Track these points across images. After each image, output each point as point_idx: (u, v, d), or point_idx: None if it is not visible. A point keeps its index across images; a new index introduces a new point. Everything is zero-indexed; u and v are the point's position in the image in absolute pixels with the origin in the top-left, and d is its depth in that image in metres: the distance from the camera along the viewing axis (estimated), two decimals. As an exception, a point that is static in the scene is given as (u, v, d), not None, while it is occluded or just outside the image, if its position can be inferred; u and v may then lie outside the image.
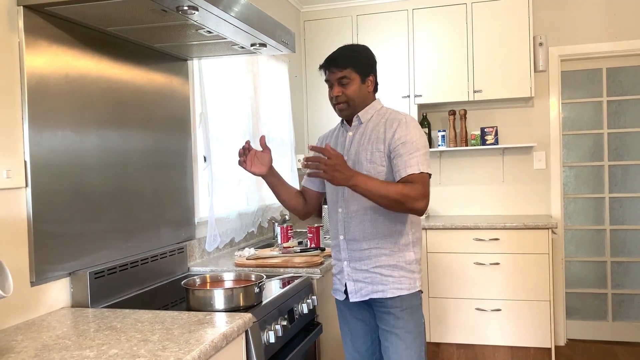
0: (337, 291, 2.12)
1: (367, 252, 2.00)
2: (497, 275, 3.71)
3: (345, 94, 2.00)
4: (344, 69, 1.98)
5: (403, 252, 2.01)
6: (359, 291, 2.02)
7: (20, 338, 1.47)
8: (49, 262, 1.72)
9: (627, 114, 4.08)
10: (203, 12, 1.71)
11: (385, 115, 2.04)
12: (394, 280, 1.98)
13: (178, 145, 2.47)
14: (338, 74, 1.99)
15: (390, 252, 2.00)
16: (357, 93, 2.01)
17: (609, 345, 4.02)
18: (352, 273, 2.03)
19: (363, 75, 2.02)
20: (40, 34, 1.70)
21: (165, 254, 2.29)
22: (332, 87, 2.02)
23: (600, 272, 4.15)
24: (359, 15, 4.10)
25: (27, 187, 1.65)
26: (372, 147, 1.98)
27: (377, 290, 1.99)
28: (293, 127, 3.74)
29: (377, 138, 1.99)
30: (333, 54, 2.03)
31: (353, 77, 2.00)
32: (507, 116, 4.19)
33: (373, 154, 1.98)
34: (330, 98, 2.04)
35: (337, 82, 2.00)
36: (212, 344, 1.40)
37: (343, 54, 2.02)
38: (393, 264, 1.99)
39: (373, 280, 2.00)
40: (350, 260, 2.04)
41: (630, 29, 3.93)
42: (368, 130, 2.03)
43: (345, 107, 2.02)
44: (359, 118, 2.05)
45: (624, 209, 4.10)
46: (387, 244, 2.00)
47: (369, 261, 2.00)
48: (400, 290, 1.98)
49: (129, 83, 2.13)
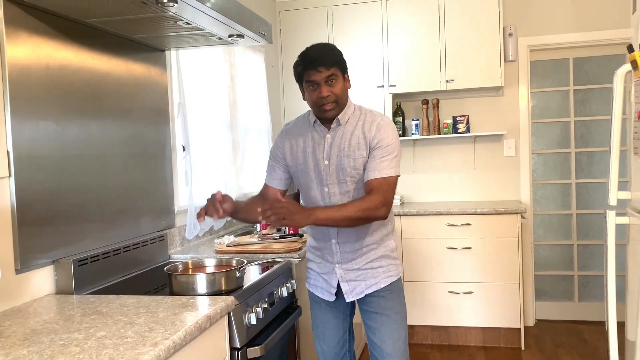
0: (323, 291, 2.15)
1: (359, 251, 2.07)
2: (468, 259, 3.83)
3: (334, 93, 1.95)
4: (331, 67, 1.93)
5: (385, 241, 2.11)
6: (354, 290, 2.08)
7: (7, 324, 1.51)
8: (33, 250, 1.75)
9: (593, 102, 4.23)
10: (182, 4, 1.75)
11: (360, 116, 2.03)
12: (384, 270, 2.08)
13: (157, 135, 2.50)
14: (325, 72, 1.92)
15: (376, 245, 2.09)
16: (343, 91, 1.99)
17: (575, 324, 4.20)
18: (345, 274, 2.09)
19: (343, 73, 2.01)
20: (20, 25, 1.72)
21: (146, 242, 2.33)
22: (319, 87, 1.94)
23: (567, 255, 4.32)
24: (334, 5, 4.16)
25: (11, 177, 1.68)
26: (354, 154, 1.98)
27: (371, 284, 2.07)
28: (270, 116, 3.79)
29: (357, 144, 1.99)
30: (315, 54, 1.94)
31: (339, 75, 1.97)
32: (478, 105, 4.31)
33: (356, 160, 1.98)
34: (318, 99, 1.95)
35: (324, 81, 1.93)
36: (196, 325, 1.46)
37: (327, 52, 1.96)
38: (380, 255, 2.09)
39: (366, 276, 2.07)
40: (343, 263, 2.09)
41: (595, 21, 4.07)
42: (347, 134, 2.01)
43: (335, 107, 1.97)
44: (338, 120, 2.02)
45: (589, 194, 4.26)
46: (374, 239, 2.08)
47: (360, 259, 2.07)
48: (390, 278, 2.09)
49: (108, 74, 2.15)
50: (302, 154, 2.08)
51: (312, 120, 2.06)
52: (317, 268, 2.17)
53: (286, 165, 2.15)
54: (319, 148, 2.04)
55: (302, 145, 2.08)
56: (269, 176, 2.20)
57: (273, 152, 2.18)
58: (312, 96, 1.97)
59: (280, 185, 2.18)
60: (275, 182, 2.18)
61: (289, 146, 2.12)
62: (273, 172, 2.18)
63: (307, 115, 2.12)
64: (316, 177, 2.06)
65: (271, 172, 2.19)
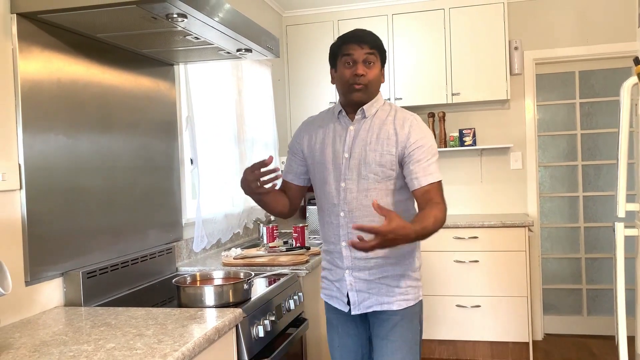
0: (338, 300, 1.95)
1: (373, 261, 1.86)
2: (476, 272, 3.82)
3: (369, 75, 1.84)
4: (373, 47, 1.84)
5: (408, 259, 1.90)
6: (362, 303, 1.89)
7: (17, 335, 1.52)
8: (42, 262, 1.77)
9: (599, 115, 4.23)
10: (191, 19, 1.77)
11: (390, 111, 1.90)
12: (400, 292, 1.87)
13: (165, 148, 2.52)
14: (366, 50, 1.83)
15: (396, 260, 1.88)
16: (377, 79, 1.88)
17: (583, 338, 4.16)
18: (355, 283, 1.89)
19: (382, 63, 1.91)
20: (33, 41, 1.75)
21: (154, 254, 2.34)
22: (355, 65, 1.83)
23: (575, 268, 4.29)
24: (339, 20, 4.19)
25: (22, 190, 1.70)
26: (381, 149, 1.83)
27: (383, 302, 1.87)
28: (276, 129, 3.82)
29: (387, 138, 1.84)
30: (360, 32, 1.86)
31: (377, 61, 1.87)
32: (484, 118, 4.31)
33: (383, 156, 1.83)
34: (351, 76, 1.83)
35: (362, 59, 1.83)
36: (205, 337, 1.46)
37: (371, 34, 1.87)
38: (399, 274, 1.88)
39: (379, 292, 1.87)
40: (353, 269, 1.89)
41: (600, 34, 4.08)
42: (374, 127, 1.87)
43: (364, 89, 1.85)
44: (363, 111, 1.88)
45: (596, 207, 4.25)
46: (393, 252, 1.86)
47: (374, 271, 1.87)
48: (407, 302, 1.88)
49: (118, 88, 2.18)
50: (320, 144, 1.94)
51: (337, 111, 1.94)
52: (330, 275, 1.98)
53: (303, 158, 2.01)
54: (340, 140, 1.90)
55: (322, 136, 1.95)
56: (285, 170, 2.07)
57: (291, 145, 2.05)
58: (345, 73, 1.85)
59: (295, 179, 2.03)
60: (290, 176, 2.04)
61: (307, 137, 1.99)
62: (289, 165, 2.05)
63: (332, 108, 2.00)
64: (334, 170, 1.89)
65: (287, 166, 2.06)
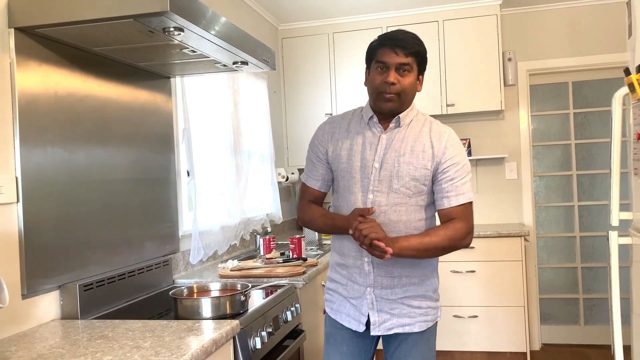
0: (351, 319, 1.84)
1: (398, 279, 1.79)
2: (473, 282, 3.82)
3: (402, 84, 1.73)
4: (409, 55, 1.72)
5: (429, 279, 1.85)
6: (383, 324, 1.79)
7: (14, 349, 1.52)
8: (39, 275, 1.76)
9: (593, 125, 4.27)
10: (188, 33, 1.79)
11: (425, 122, 1.81)
12: (421, 313, 1.81)
13: (162, 161, 2.53)
14: (402, 58, 1.71)
15: (419, 280, 1.81)
16: (411, 88, 1.76)
17: (581, 348, 4.16)
18: (377, 302, 1.79)
19: (419, 71, 1.79)
20: (30, 55, 1.77)
21: (150, 266, 2.34)
22: (387, 71, 1.72)
23: (572, 278, 4.30)
24: (335, 32, 4.23)
25: (18, 202, 1.70)
26: (416, 162, 1.74)
27: (404, 324, 1.79)
28: (272, 141, 3.83)
29: (422, 151, 1.75)
30: (400, 35, 1.73)
31: (413, 69, 1.75)
32: (479, 128, 4.34)
33: (417, 169, 1.74)
34: (381, 84, 1.73)
35: (395, 66, 1.72)
36: (202, 349, 1.46)
37: (411, 39, 1.74)
38: (421, 294, 1.81)
39: (400, 313, 1.79)
40: (376, 287, 1.79)
41: (592, 45, 4.13)
42: (409, 138, 1.77)
43: (396, 99, 1.74)
44: (399, 120, 1.78)
45: (592, 216, 4.27)
46: (416, 271, 1.80)
47: (398, 290, 1.79)
48: (427, 324, 1.82)
49: (114, 101, 2.19)
50: (348, 151, 1.81)
51: (368, 116, 1.82)
52: (344, 291, 1.86)
53: (328, 162, 1.87)
54: (371, 148, 1.78)
55: (350, 142, 1.82)
56: (309, 176, 1.91)
57: (313, 147, 1.89)
58: (376, 79, 1.75)
59: (323, 187, 1.90)
60: (319, 183, 1.89)
61: (333, 141, 1.85)
62: (314, 169, 1.90)
63: (359, 110, 1.88)
64: (361, 180, 1.78)
65: (312, 170, 1.90)
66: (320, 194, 1.91)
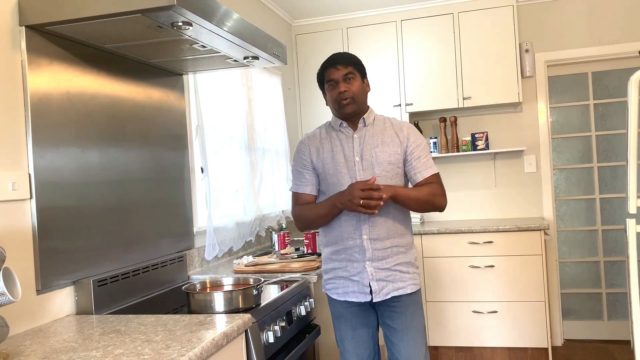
0: (357, 293, 2.11)
1: (390, 250, 2.10)
2: (492, 277, 3.77)
3: (351, 89, 2.09)
4: (348, 66, 2.10)
5: (411, 250, 2.18)
6: (382, 290, 2.09)
7: (28, 343, 1.53)
8: (53, 271, 1.78)
9: (614, 116, 4.17)
10: (197, 27, 1.79)
11: (385, 120, 2.18)
12: (410, 277, 2.13)
13: (175, 158, 2.54)
14: (343, 70, 2.09)
15: (405, 249, 2.14)
16: (361, 90, 2.12)
17: (605, 344, 4.07)
18: (375, 273, 2.09)
19: (362, 75, 2.15)
20: (41, 53, 1.78)
21: (165, 263, 2.35)
22: (337, 85, 2.10)
23: (594, 272, 4.22)
24: (349, 27, 4.21)
25: (32, 199, 1.72)
26: (389, 149, 2.10)
27: (398, 287, 2.10)
28: (287, 138, 3.83)
29: (391, 141, 2.12)
30: (334, 56, 2.13)
31: (356, 75, 2.12)
32: (496, 121, 4.28)
33: (391, 155, 2.10)
34: (337, 95, 2.09)
35: (342, 78, 2.09)
36: (213, 342, 1.46)
37: (344, 55, 2.14)
38: (407, 261, 2.14)
39: (394, 278, 2.10)
40: (374, 260, 2.09)
41: (612, 34, 4.04)
42: (377, 133, 2.13)
43: (352, 102, 2.09)
44: (364, 120, 2.15)
45: (614, 209, 4.18)
46: (403, 242, 2.14)
47: (390, 259, 2.10)
48: (416, 286, 2.14)
49: (126, 98, 2.20)
50: (330, 153, 2.14)
51: (337, 124, 2.17)
52: (344, 272, 2.13)
53: (314, 168, 2.17)
54: (348, 146, 2.13)
55: (329, 146, 2.16)
56: (298, 184, 2.19)
57: (297, 159, 2.20)
58: (332, 94, 2.12)
59: (313, 190, 2.18)
60: (308, 187, 2.18)
61: (315, 149, 2.17)
62: (302, 178, 2.18)
63: (327, 124, 2.23)
64: (348, 172, 2.10)
65: (300, 180, 2.19)
66: (310, 197, 2.19)
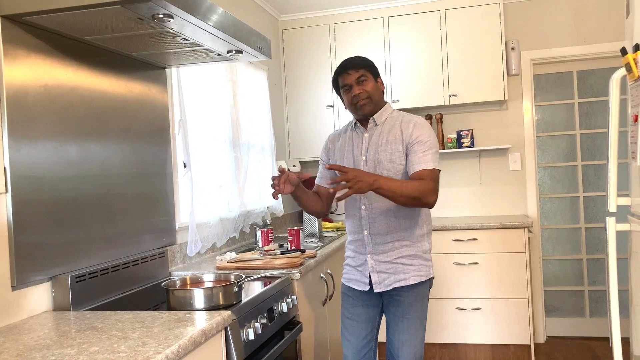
0: (358, 282, 2.28)
1: (391, 244, 2.19)
2: (476, 274, 3.78)
3: (366, 90, 2.18)
4: (360, 69, 2.19)
5: (420, 242, 2.23)
6: (383, 282, 2.20)
7: (1, 340, 1.50)
8: (30, 266, 1.75)
9: (598, 114, 4.20)
10: (178, 20, 1.76)
11: (398, 117, 2.23)
12: (414, 269, 2.20)
13: (158, 153, 2.51)
14: (355, 74, 2.18)
15: (410, 243, 2.21)
16: (375, 89, 2.22)
17: (587, 340, 4.11)
18: (376, 265, 2.21)
19: (374, 76, 2.24)
20: (18, 44, 1.74)
21: (146, 259, 2.32)
22: (351, 89, 2.20)
23: (577, 270, 4.25)
24: (336, 23, 4.19)
25: (7, 193, 1.68)
26: (391, 148, 2.17)
27: (400, 279, 2.19)
28: (273, 134, 3.80)
29: (395, 139, 2.18)
30: (345, 62, 2.22)
31: (369, 76, 2.20)
32: (482, 119, 4.29)
33: (393, 154, 2.17)
34: (352, 98, 2.19)
35: (355, 82, 2.18)
36: (190, 339, 1.44)
37: (354, 59, 2.23)
38: (412, 254, 2.20)
39: (396, 270, 2.19)
40: (374, 253, 2.22)
41: (597, 33, 4.06)
42: (385, 132, 2.21)
43: (368, 102, 2.19)
44: (374, 120, 2.23)
45: (597, 207, 4.21)
46: (407, 236, 2.20)
47: (392, 253, 2.20)
48: (419, 277, 2.20)
49: (107, 92, 2.17)
50: (340, 151, 2.31)
51: (353, 124, 2.31)
52: (352, 262, 2.31)
53: (329, 162, 2.38)
54: (357, 146, 2.26)
55: (342, 144, 2.32)
56: (318, 177, 2.46)
57: (321, 153, 2.45)
58: (347, 98, 2.23)
59: (325, 183, 2.41)
60: (323, 180, 2.42)
61: (332, 146, 2.38)
62: (321, 172, 2.45)
63: (350, 122, 2.36)
64: None
65: (320, 172, 2.45)
66: (323, 189, 2.41)
